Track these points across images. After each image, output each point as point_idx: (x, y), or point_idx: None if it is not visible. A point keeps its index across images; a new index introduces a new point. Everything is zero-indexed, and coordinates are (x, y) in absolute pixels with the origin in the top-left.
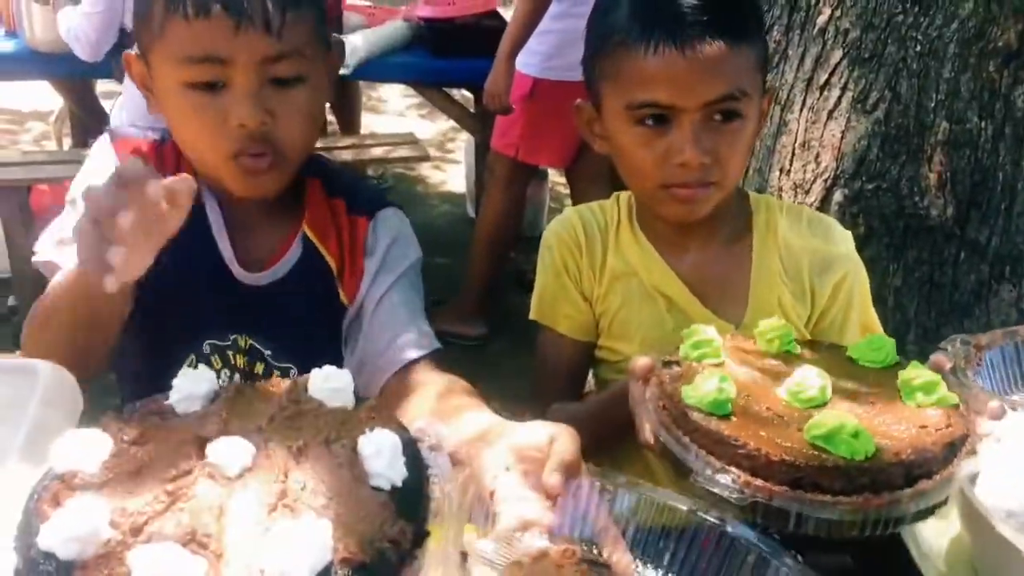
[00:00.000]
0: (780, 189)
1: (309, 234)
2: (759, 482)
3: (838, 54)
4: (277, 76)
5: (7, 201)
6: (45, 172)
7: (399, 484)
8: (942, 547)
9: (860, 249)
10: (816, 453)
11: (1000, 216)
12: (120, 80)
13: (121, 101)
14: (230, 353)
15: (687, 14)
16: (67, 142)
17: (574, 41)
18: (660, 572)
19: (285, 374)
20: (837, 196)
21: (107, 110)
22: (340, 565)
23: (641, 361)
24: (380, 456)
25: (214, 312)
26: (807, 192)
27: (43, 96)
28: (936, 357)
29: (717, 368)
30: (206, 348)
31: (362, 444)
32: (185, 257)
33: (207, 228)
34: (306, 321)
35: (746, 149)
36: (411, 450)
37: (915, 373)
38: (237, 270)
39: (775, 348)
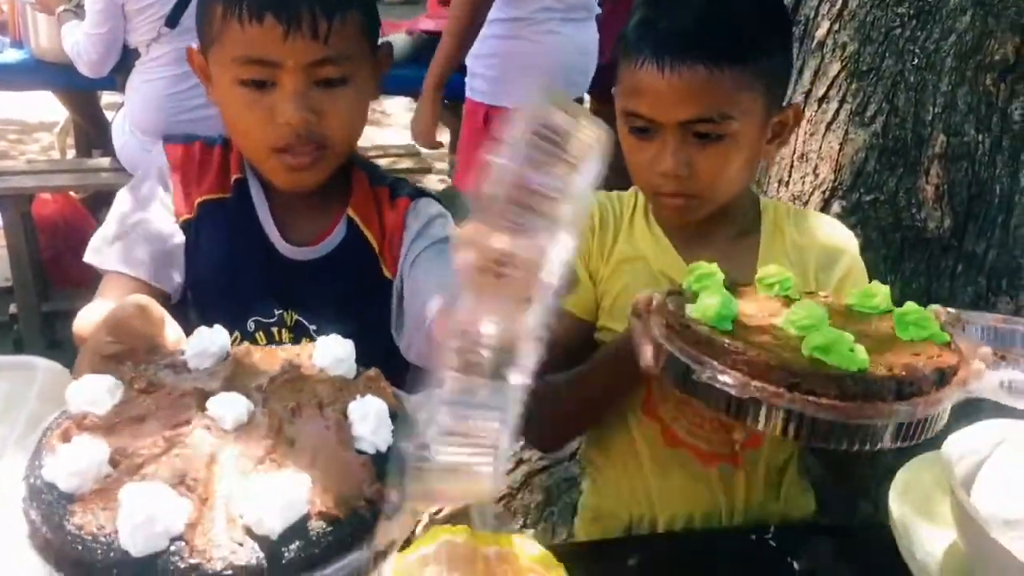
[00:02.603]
0: (778, 200)
1: (353, 216)
2: (758, 382)
3: (836, 67)
4: (323, 78)
5: (10, 209)
6: (49, 181)
7: (383, 449)
8: (938, 556)
9: None
10: (812, 363)
11: (997, 229)
12: (123, 91)
13: (123, 111)
14: (275, 330)
15: (674, 35)
16: (71, 153)
17: (523, 67)
18: None
19: None
20: (835, 208)
21: (110, 121)
22: (316, 518)
23: (642, 296)
24: (366, 421)
25: (259, 288)
26: (805, 204)
27: (49, 107)
28: (932, 307)
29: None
30: (251, 326)
31: (351, 409)
32: (230, 235)
33: (251, 208)
34: (351, 297)
35: (737, 167)
36: (400, 418)
37: (910, 308)
38: (283, 246)
39: (774, 292)
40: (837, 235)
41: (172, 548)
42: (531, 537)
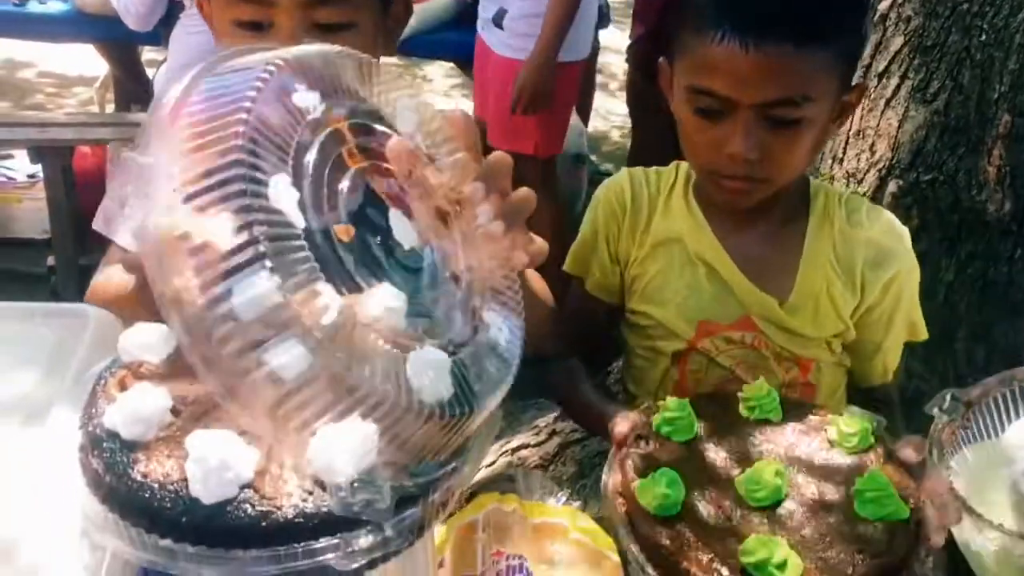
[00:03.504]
0: (832, 177)
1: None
2: None
3: (899, 41)
4: (320, 21)
5: (51, 162)
6: (89, 134)
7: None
8: (992, 546)
9: (913, 242)
10: None
11: None
12: (167, 46)
13: (165, 67)
14: None
15: (760, 9)
16: (109, 108)
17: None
18: None
19: None
20: (891, 187)
21: (151, 77)
22: (383, 467)
23: (620, 428)
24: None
25: None
26: (860, 181)
27: (89, 61)
28: (905, 451)
29: (684, 447)
30: None
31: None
32: None
33: None
34: None
35: (806, 150)
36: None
37: (871, 482)
38: None
39: (755, 416)
40: (894, 232)
41: (241, 496)
42: (578, 509)
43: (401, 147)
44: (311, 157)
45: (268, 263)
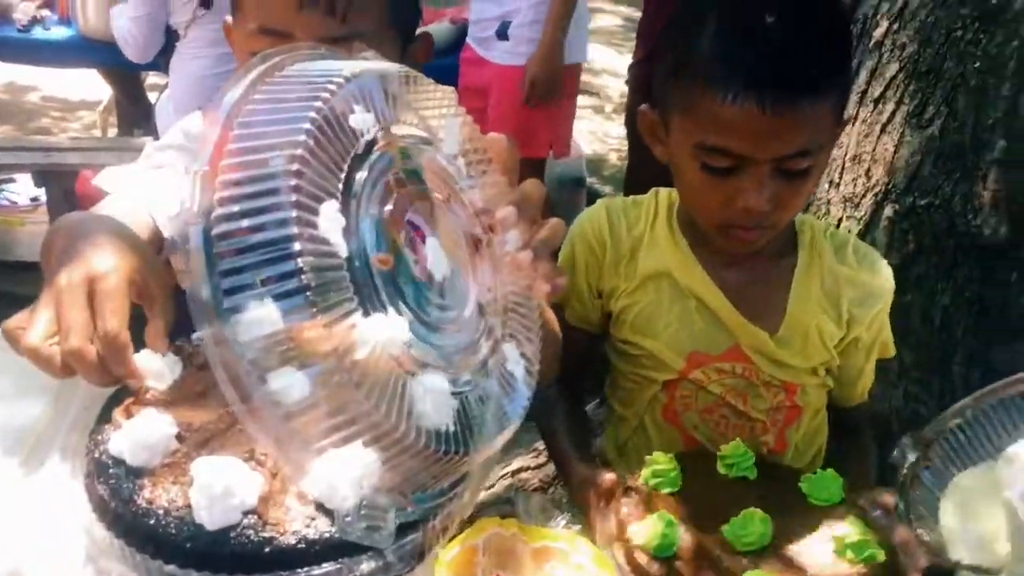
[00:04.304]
0: (829, 202)
1: None
2: None
3: (894, 67)
4: None
5: (54, 186)
6: (94, 159)
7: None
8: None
9: (909, 266)
10: None
11: None
12: (167, 73)
13: (167, 93)
14: None
15: (774, 65)
16: (112, 132)
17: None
18: None
19: None
20: (887, 211)
21: (153, 102)
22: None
23: (605, 482)
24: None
25: None
26: (856, 206)
27: (93, 85)
28: (882, 498)
29: (671, 498)
30: None
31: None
32: None
33: None
34: None
35: (809, 191)
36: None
37: (850, 529)
38: None
39: (733, 473)
40: (878, 271)
41: (245, 522)
42: (578, 533)
43: (442, 172)
44: (360, 181)
45: (309, 294)
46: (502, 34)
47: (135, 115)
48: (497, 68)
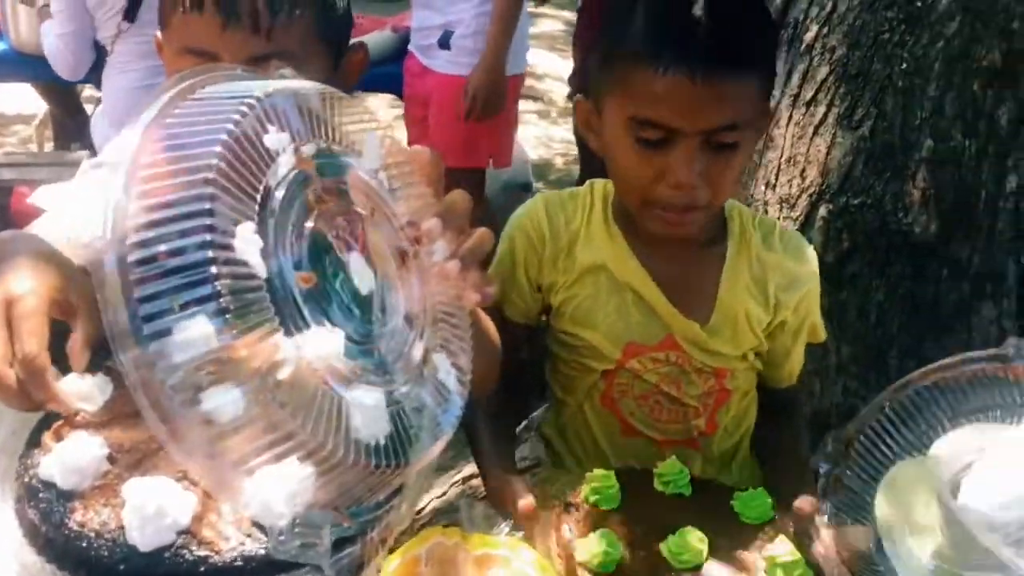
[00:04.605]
0: (766, 203)
1: None
2: None
3: (824, 70)
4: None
5: None
6: (29, 174)
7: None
8: (924, 562)
9: (844, 264)
10: None
11: (982, 234)
12: (99, 88)
13: (101, 108)
14: None
15: (702, 39)
16: (48, 146)
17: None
18: None
19: None
20: (822, 211)
21: (90, 114)
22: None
23: (523, 509)
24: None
25: None
26: (792, 207)
27: (27, 99)
28: (798, 504)
29: (612, 515)
30: None
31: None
32: None
33: None
34: None
35: (739, 172)
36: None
37: (780, 549)
38: None
39: (669, 491)
40: (803, 255)
41: (179, 542)
42: (521, 539)
43: (365, 187)
44: (278, 200)
45: (228, 316)
46: (444, 43)
47: (72, 129)
48: (439, 77)
